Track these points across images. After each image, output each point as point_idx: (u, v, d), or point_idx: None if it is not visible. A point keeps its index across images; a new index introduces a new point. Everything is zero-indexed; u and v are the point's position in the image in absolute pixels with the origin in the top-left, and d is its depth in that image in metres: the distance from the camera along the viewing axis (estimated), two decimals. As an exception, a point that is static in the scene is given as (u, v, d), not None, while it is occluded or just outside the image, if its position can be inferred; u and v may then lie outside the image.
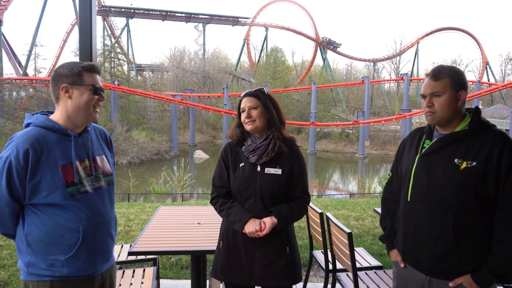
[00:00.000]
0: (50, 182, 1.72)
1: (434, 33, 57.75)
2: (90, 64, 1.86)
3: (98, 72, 1.89)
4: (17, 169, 1.67)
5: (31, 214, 1.75)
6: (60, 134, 1.80)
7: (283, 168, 2.17)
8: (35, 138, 1.72)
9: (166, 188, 16.85)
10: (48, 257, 1.75)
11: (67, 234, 1.76)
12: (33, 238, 1.75)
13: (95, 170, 1.88)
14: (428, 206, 1.86)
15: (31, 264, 1.76)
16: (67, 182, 1.75)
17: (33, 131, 1.75)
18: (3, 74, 38.02)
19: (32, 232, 1.75)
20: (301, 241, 5.31)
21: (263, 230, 2.08)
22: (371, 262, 3.45)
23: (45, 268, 1.76)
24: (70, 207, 1.76)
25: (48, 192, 1.71)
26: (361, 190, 21.36)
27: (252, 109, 2.20)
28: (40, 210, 1.74)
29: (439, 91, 1.85)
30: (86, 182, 1.82)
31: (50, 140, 1.76)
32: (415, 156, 1.96)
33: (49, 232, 1.74)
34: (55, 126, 1.78)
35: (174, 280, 4.13)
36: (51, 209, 1.74)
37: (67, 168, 1.77)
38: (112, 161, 2.07)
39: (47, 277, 1.76)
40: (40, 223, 1.74)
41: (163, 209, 3.87)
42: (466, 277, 1.79)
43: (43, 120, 1.79)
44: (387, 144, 39.84)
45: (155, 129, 40.02)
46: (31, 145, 1.69)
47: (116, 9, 49.22)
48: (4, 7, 40.77)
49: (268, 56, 52.27)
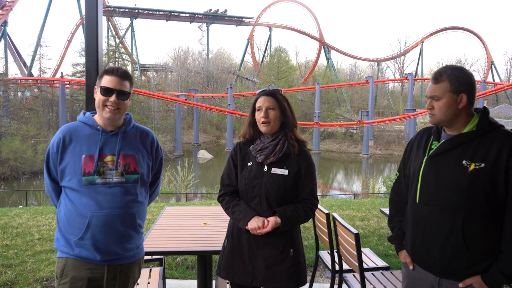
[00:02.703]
0: (72, 168, 1.95)
1: (439, 32, 57.47)
2: (111, 67, 2.06)
3: (117, 75, 2.01)
4: (52, 154, 1.99)
5: (62, 196, 2.02)
6: (92, 129, 2.02)
7: (290, 169, 2.15)
8: (68, 130, 2.01)
9: (170, 188, 16.90)
10: (66, 236, 1.97)
11: (78, 218, 1.94)
12: (60, 217, 2.00)
13: (118, 166, 2.00)
14: (437, 208, 1.84)
15: (57, 239, 2.02)
16: (84, 171, 1.94)
17: (73, 124, 2.05)
18: (8, 74, 38.23)
19: (60, 211, 2.01)
20: (307, 241, 5.31)
21: (266, 227, 2.07)
22: (377, 263, 3.43)
23: (64, 245, 1.98)
24: (84, 193, 1.93)
25: (70, 177, 1.95)
26: (365, 190, 21.31)
27: (270, 109, 2.18)
28: (66, 193, 1.99)
29: (437, 95, 1.85)
30: (104, 175, 1.97)
31: (82, 133, 2.01)
32: (423, 157, 1.94)
33: (68, 213, 1.96)
34: (89, 122, 2.03)
35: (180, 280, 4.13)
36: (71, 193, 1.96)
37: (89, 159, 1.96)
38: (148, 163, 2.12)
39: (65, 254, 1.98)
40: (65, 204, 1.99)
41: (169, 209, 3.88)
42: (476, 278, 1.78)
43: (83, 117, 2.07)
44: (391, 144, 39.72)
45: (159, 129, 40.07)
46: (63, 135, 1.98)
47: (121, 10, 49.29)
48: (9, 8, 40.95)
49: (272, 56, 52.25)
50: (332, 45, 56.48)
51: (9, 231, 5.77)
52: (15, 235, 5.54)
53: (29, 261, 4.49)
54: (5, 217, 6.68)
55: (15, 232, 5.69)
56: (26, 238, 5.38)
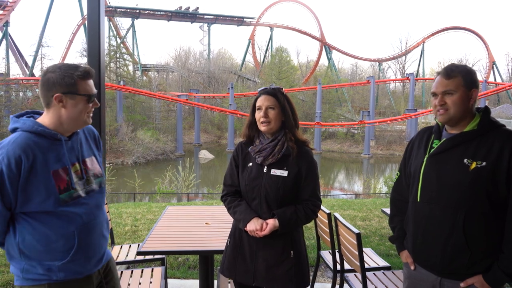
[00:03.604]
0: (43, 189, 1.65)
1: (440, 32, 57.36)
2: (85, 71, 1.75)
3: (92, 77, 1.81)
4: (10, 177, 1.59)
5: (23, 222, 1.68)
6: (51, 139, 1.72)
7: (290, 170, 2.12)
8: (26, 145, 1.64)
9: (172, 188, 16.90)
10: (44, 263, 1.71)
11: (62, 240, 1.72)
12: (26, 246, 1.69)
13: (85, 173, 1.84)
14: (438, 207, 1.85)
15: (26, 270, 1.72)
16: (59, 188, 1.69)
17: (23, 136, 1.66)
18: (10, 74, 38.30)
19: (24, 240, 1.69)
20: (308, 241, 5.31)
21: (264, 230, 2.06)
22: (379, 263, 3.44)
23: (42, 272, 1.72)
24: (64, 213, 1.71)
25: (41, 199, 1.65)
26: (366, 190, 21.29)
27: (270, 109, 2.14)
28: (32, 218, 1.68)
29: (452, 89, 1.84)
30: (78, 187, 1.77)
31: (41, 146, 1.68)
32: (424, 156, 1.95)
33: (43, 239, 1.69)
34: (45, 131, 1.70)
35: (181, 280, 4.14)
36: (44, 216, 1.68)
37: (59, 173, 1.71)
38: (101, 160, 2.02)
39: (44, 281, 1.72)
40: (33, 230, 1.68)
41: (171, 209, 3.89)
42: (477, 278, 1.79)
43: (31, 125, 1.69)
44: (393, 144, 39.64)
45: (161, 129, 40.09)
46: (23, 152, 1.61)
47: (122, 10, 49.37)
48: (11, 8, 41.04)
49: (273, 56, 52.22)
50: (333, 45, 56.42)
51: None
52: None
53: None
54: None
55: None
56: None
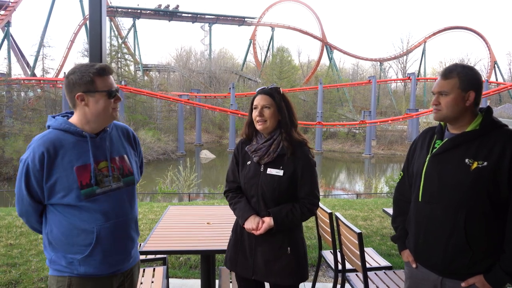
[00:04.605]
0: (65, 183, 1.75)
1: (442, 32, 57.30)
2: (101, 68, 1.80)
3: (110, 73, 1.85)
4: (34, 171, 1.73)
5: (51, 214, 1.82)
6: (77, 136, 1.81)
7: (285, 170, 2.14)
8: (50, 141, 1.76)
9: (173, 188, 16.89)
10: (67, 255, 1.81)
11: (82, 235, 1.79)
12: (53, 237, 1.81)
13: (113, 171, 1.87)
14: (440, 206, 1.85)
15: (53, 261, 1.83)
16: (81, 183, 1.76)
17: (50, 134, 1.79)
18: (11, 74, 38.35)
19: (52, 230, 1.81)
20: (310, 241, 5.31)
21: (259, 229, 2.10)
22: (380, 262, 3.44)
23: (65, 265, 1.81)
24: (85, 208, 1.78)
25: (64, 193, 1.75)
26: (367, 190, 21.25)
27: (265, 108, 2.17)
28: (58, 210, 1.79)
29: (446, 90, 1.86)
30: (103, 184, 1.82)
31: (66, 142, 1.78)
32: (426, 156, 1.96)
33: (66, 231, 1.79)
34: (71, 128, 1.80)
35: (183, 279, 4.15)
36: (68, 209, 1.78)
37: (82, 169, 1.78)
38: (136, 160, 2.05)
39: (66, 273, 1.81)
40: (58, 223, 1.80)
41: (172, 208, 3.89)
42: (478, 277, 1.79)
43: (61, 123, 1.81)
44: (394, 144, 39.58)
45: (162, 129, 40.12)
46: (46, 148, 1.73)
47: (123, 10, 49.44)
48: (13, 8, 41.12)
49: (274, 56, 52.15)
50: (334, 45, 56.41)
51: (13, 230, 5.80)
52: (19, 235, 5.57)
53: (33, 260, 4.52)
54: (9, 217, 6.71)
55: (19, 232, 5.71)
56: (30, 238, 5.40)
